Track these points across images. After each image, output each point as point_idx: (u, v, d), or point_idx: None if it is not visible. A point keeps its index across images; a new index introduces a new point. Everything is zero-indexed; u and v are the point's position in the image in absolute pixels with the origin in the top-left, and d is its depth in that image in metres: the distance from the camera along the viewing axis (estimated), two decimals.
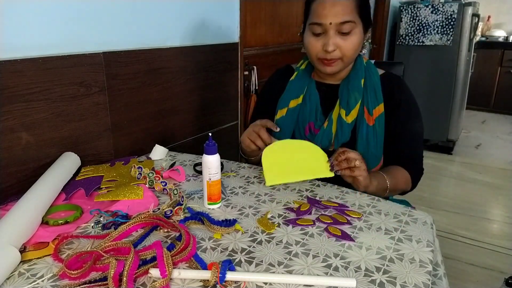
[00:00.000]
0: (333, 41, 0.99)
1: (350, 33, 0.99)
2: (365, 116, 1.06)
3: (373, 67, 1.12)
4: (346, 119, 1.06)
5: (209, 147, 0.85)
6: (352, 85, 1.07)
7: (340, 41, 0.99)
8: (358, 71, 1.09)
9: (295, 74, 1.17)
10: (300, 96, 1.13)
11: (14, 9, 0.91)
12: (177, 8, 1.36)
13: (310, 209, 0.86)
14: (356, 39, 1.00)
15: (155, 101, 1.33)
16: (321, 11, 0.98)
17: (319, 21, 0.99)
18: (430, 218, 0.84)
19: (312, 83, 1.14)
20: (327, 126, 1.08)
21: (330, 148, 1.09)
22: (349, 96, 1.07)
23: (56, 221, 0.79)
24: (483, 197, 2.64)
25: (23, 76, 0.93)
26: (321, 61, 1.04)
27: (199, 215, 0.81)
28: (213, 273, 0.60)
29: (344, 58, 1.02)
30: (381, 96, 1.07)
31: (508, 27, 4.93)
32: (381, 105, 1.06)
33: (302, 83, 1.14)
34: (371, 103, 1.06)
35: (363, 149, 1.06)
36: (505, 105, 4.74)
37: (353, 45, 1.01)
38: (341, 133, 1.07)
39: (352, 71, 1.10)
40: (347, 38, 0.99)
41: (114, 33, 1.16)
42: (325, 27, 0.99)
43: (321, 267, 0.66)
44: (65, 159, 1.01)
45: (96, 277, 0.62)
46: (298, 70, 1.17)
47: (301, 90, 1.14)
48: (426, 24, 3.23)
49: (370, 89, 1.07)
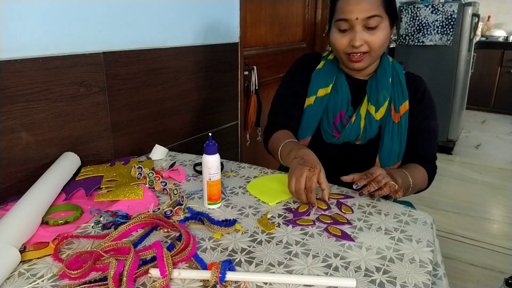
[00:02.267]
0: (360, 36, 0.99)
1: (376, 28, 0.99)
2: (391, 113, 1.07)
3: (398, 65, 1.13)
4: (375, 116, 1.07)
5: (209, 147, 0.85)
6: (381, 83, 1.08)
7: (367, 36, 0.99)
8: (386, 69, 1.09)
9: (322, 63, 1.16)
10: (330, 85, 1.12)
11: (14, 9, 0.91)
12: (177, 8, 1.36)
13: (309, 210, 0.86)
14: (383, 33, 1.00)
15: (155, 101, 1.33)
16: (347, 7, 0.98)
17: (345, 17, 0.99)
18: (430, 218, 0.84)
19: (341, 75, 1.13)
20: (355, 120, 1.09)
21: (357, 142, 1.10)
22: (378, 93, 1.07)
23: (56, 221, 0.79)
24: (483, 197, 2.64)
25: (23, 76, 0.93)
26: (348, 57, 1.04)
27: (199, 215, 0.81)
28: (213, 273, 0.60)
29: (371, 53, 1.02)
30: (407, 93, 1.08)
31: (508, 27, 4.93)
32: (406, 103, 1.08)
33: (330, 73, 1.14)
34: (398, 101, 1.07)
35: (388, 146, 1.07)
36: (505, 105, 4.75)
37: (380, 39, 1.00)
38: (369, 129, 1.08)
39: (379, 69, 1.10)
40: (374, 32, 0.99)
41: (114, 33, 1.16)
42: (352, 23, 0.99)
43: (321, 267, 0.66)
44: (65, 159, 1.01)
45: (96, 277, 0.62)
46: (324, 60, 1.17)
47: (330, 80, 1.13)
48: (426, 24, 3.23)
49: (397, 86, 1.08)
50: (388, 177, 0.89)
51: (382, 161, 1.08)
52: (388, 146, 1.07)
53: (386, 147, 1.07)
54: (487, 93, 4.81)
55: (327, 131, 1.12)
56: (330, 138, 1.11)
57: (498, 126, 4.35)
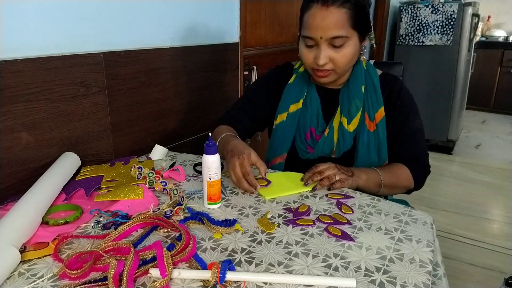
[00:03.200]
0: (325, 55, 0.97)
1: (342, 46, 0.97)
2: (366, 122, 1.06)
3: (373, 69, 1.11)
4: (348, 128, 1.06)
5: (209, 147, 0.85)
6: (352, 93, 1.06)
7: (333, 53, 0.98)
8: (358, 78, 1.07)
9: (293, 77, 1.15)
10: (300, 100, 1.12)
11: (14, 9, 0.91)
12: (177, 8, 1.36)
13: (308, 210, 0.86)
14: (349, 51, 0.98)
15: (155, 101, 1.33)
16: (312, 23, 0.96)
17: (310, 34, 0.97)
18: (430, 218, 0.84)
19: (312, 87, 1.12)
20: (328, 134, 1.08)
21: (332, 156, 1.09)
22: (350, 104, 1.06)
23: (56, 221, 0.79)
24: (483, 197, 2.64)
25: (23, 76, 0.93)
26: (314, 72, 1.03)
27: (199, 215, 0.81)
28: (213, 273, 0.60)
29: (337, 70, 1.01)
30: (381, 99, 1.06)
31: (508, 27, 4.93)
32: (381, 109, 1.06)
33: (301, 87, 1.13)
34: (372, 108, 1.06)
35: (364, 156, 1.06)
36: (505, 105, 4.74)
37: (346, 57, 0.98)
38: (343, 141, 1.06)
39: (351, 77, 1.08)
40: (339, 50, 0.97)
41: (114, 33, 1.16)
42: (317, 41, 0.97)
43: (321, 267, 0.66)
44: (65, 159, 1.01)
45: (96, 277, 0.62)
46: (296, 73, 1.15)
47: (301, 94, 1.12)
48: (426, 24, 3.23)
49: (371, 93, 1.07)
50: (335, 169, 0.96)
51: None
52: (364, 157, 1.06)
53: (361, 158, 1.06)
54: (487, 93, 4.81)
55: (300, 147, 1.12)
56: (305, 154, 1.11)
57: (498, 126, 4.35)
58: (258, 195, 0.93)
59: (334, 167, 0.97)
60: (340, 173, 0.96)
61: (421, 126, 1.10)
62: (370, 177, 0.99)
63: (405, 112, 1.08)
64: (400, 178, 1.05)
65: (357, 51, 1.02)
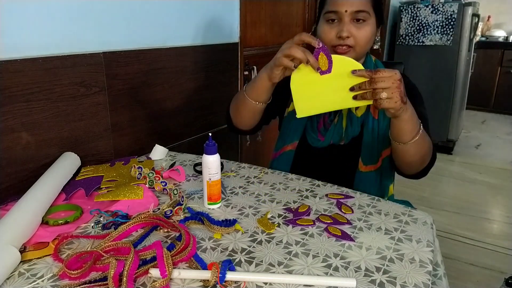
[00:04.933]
0: (348, 28, 0.99)
1: (364, 22, 1.00)
2: (371, 110, 1.07)
3: (381, 65, 1.13)
4: (356, 113, 1.07)
5: (209, 147, 0.85)
6: None
7: (354, 29, 0.99)
8: (367, 67, 1.09)
9: None
10: None
11: (14, 9, 0.91)
12: (177, 8, 1.36)
13: (308, 210, 0.86)
14: (369, 29, 1.01)
15: (155, 101, 1.33)
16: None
17: (335, 8, 0.99)
18: (430, 218, 0.84)
19: None
20: (337, 121, 1.09)
21: (341, 142, 1.10)
22: None
23: (56, 221, 0.79)
24: (483, 197, 2.64)
25: (23, 76, 0.93)
26: (334, 50, 1.03)
27: (199, 215, 0.81)
28: (213, 273, 0.60)
29: (356, 47, 1.01)
30: None
31: (508, 27, 4.93)
32: None
33: None
34: None
35: (368, 142, 1.07)
36: (505, 105, 4.74)
37: (367, 34, 1.00)
38: (351, 128, 1.08)
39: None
40: (361, 27, 1.00)
41: (114, 33, 1.16)
42: (340, 15, 0.99)
43: (321, 267, 0.66)
44: (65, 159, 1.01)
45: (96, 277, 0.62)
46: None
47: None
48: (426, 24, 3.23)
49: None
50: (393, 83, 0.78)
51: (363, 159, 1.08)
52: (368, 143, 1.07)
53: (366, 144, 1.07)
54: (487, 93, 4.80)
55: (311, 136, 1.13)
56: (316, 142, 1.12)
57: (498, 126, 4.35)
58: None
59: (395, 81, 0.79)
60: (397, 91, 0.79)
61: (427, 116, 1.10)
62: (414, 118, 0.89)
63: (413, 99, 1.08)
64: (429, 144, 0.98)
65: (374, 34, 1.04)
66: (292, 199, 0.92)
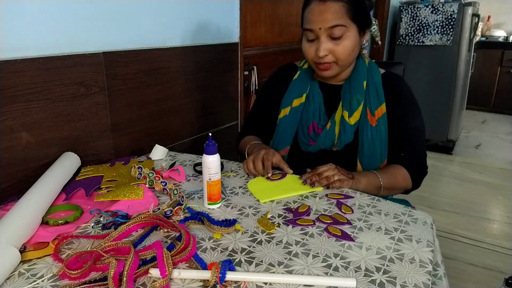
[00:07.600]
0: (324, 46, 1.00)
1: (341, 37, 1.00)
2: (368, 117, 1.07)
3: (375, 67, 1.12)
4: (349, 121, 1.07)
5: (209, 147, 0.85)
6: (354, 87, 1.08)
7: (332, 45, 1.00)
8: (359, 73, 1.09)
9: (297, 73, 1.18)
10: (303, 95, 1.14)
11: (14, 9, 0.91)
12: (177, 8, 1.36)
13: (308, 210, 0.86)
14: (348, 42, 1.00)
15: (155, 101, 1.33)
16: (311, 17, 1.00)
17: (309, 27, 1.01)
18: (430, 218, 0.84)
19: (315, 83, 1.15)
20: (329, 127, 1.09)
21: (333, 149, 1.10)
22: (352, 98, 1.07)
23: (56, 221, 0.79)
24: (483, 197, 2.64)
25: (23, 76, 0.93)
26: (316, 66, 1.05)
27: (199, 215, 0.81)
28: (213, 273, 0.60)
29: (338, 62, 1.03)
30: (383, 96, 1.08)
31: (508, 27, 4.93)
32: (383, 106, 1.07)
33: (305, 83, 1.16)
34: (373, 104, 1.07)
35: (369, 149, 1.07)
36: (505, 105, 4.74)
37: (346, 49, 1.01)
38: (344, 134, 1.08)
39: (353, 73, 1.10)
40: (339, 42, 1.00)
41: (114, 33, 1.16)
42: (316, 33, 1.00)
43: (321, 267, 0.66)
44: (65, 159, 1.01)
45: (96, 277, 0.62)
46: (300, 70, 1.18)
47: (304, 89, 1.15)
48: (426, 24, 3.23)
49: (372, 90, 1.08)
50: (335, 171, 0.97)
51: (363, 165, 1.08)
52: (369, 150, 1.07)
53: (367, 151, 1.07)
54: (487, 93, 4.80)
55: (302, 141, 1.13)
56: (307, 147, 1.13)
57: (498, 126, 4.35)
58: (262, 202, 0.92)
59: (334, 168, 0.98)
60: (340, 174, 0.97)
61: (422, 127, 1.11)
62: (370, 181, 1.00)
63: (406, 111, 1.09)
64: (398, 179, 1.06)
65: (357, 44, 1.03)
66: (292, 199, 0.92)
